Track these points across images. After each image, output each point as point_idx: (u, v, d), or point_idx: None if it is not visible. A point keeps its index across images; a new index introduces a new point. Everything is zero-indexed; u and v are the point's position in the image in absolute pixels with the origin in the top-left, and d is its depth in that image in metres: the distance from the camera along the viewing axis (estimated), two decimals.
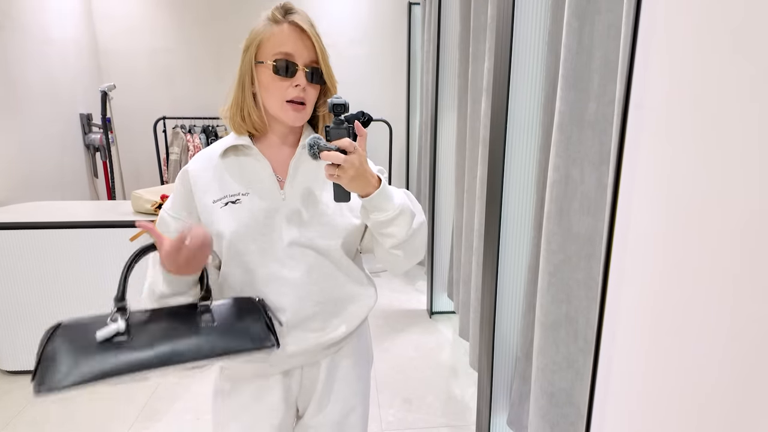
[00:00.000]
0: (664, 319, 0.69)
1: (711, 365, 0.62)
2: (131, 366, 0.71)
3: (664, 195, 0.68)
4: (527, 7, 1.43)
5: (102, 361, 0.70)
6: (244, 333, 0.80)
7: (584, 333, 1.31)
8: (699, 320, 0.63)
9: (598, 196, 1.23)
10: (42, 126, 2.88)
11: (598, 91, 1.19)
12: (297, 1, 3.41)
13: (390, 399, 2.14)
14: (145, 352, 0.72)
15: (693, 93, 0.63)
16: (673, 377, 0.68)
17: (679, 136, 0.65)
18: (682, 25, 0.64)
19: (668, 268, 0.68)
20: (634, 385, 0.76)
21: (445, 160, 2.79)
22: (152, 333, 0.75)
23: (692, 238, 0.63)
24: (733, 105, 0.57)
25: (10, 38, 2.62)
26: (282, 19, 0.86)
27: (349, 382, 1.02)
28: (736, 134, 0.57)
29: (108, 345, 0.72)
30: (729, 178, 0.58)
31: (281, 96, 0.87)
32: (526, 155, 1.55)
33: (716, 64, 0.59)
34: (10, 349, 2.24)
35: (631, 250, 0.74)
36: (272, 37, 0.86)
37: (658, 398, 0.71)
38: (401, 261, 0.91)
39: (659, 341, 0.70)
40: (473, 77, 2.16)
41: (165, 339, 0.75)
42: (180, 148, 3.53)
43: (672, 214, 0.67)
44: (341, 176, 0.76)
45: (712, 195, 0.60)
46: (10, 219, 2.14)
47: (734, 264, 0.58)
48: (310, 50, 0.87)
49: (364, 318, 1.00)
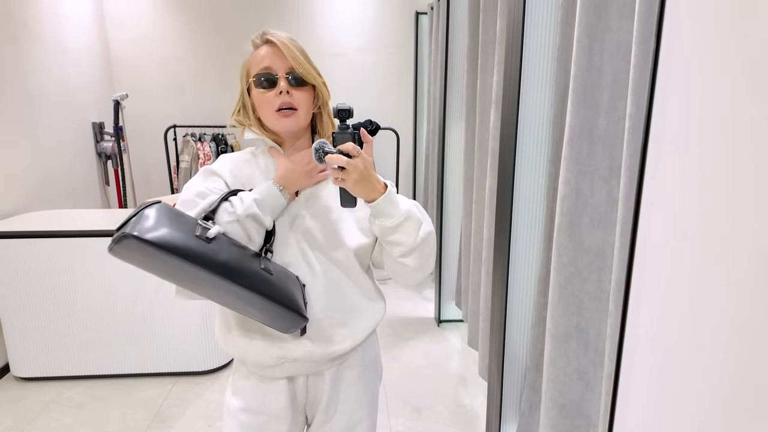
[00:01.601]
0: (683, 335, 0.71)
1: (730, 382, 0.64)
2: (202, 259, 0.76)
3: (682, 211, 0.69)
4: (536, 24, 1.46)
5: (184, 240, 0.75)
6: (291, 295, 0.86)
7: (595, 344, 1.33)
8: (719, 336, 0.65)
9: (608, 210, 1.25)
10: (55, 135, 2.93)
11: (608, 107, 1.20)
12: (307, 10, 3.43)
13: (399, 408, 2.15)
14: (216, 257, 0.78)
15: (713, 110, 0.65)
16: (692, 394, 0.70)
17: (699, 155, 0.67)
18: (702, 50, 0.66)
19: (687, 285, 0.69)
20: (653, 401, 0.77)
21: (453, 169, 2.81)
22: (227, 249, 0.81)
23: (712, 253, 0.65)
24: (755, 122, 0.59)
25: (27, 49, 2.67)
26: (260, 43, 0.95)
27: (355, 394, 1.03)
28: (754, 154, 0.59)
29: (193, 235, 0.78)
30: (749, 197, 0.60)
31: (270, 107, 0.93)
32: (536, 167, 1.57)
33: (736, 86, 0.61)
34: (24, 356, 2.27)
35: (651, 266, 0.75)
36: (254, 60, 0.95)
37: (677, 414, 0.73)
38: (411, 272, 0.93)
39: (678, 357, 0.72)
40: (482, 89, 2.18)
41: (234, 257, 0.81)
42: (190, 156, 3.57)
43: (691, 230, 0.68)
44: (345, 179, 0.79)
45: (733, 212, 0.62)
46: (24, 228, 2.18)
47: (756, 282, 0.59)
48: (284, 60, 0.93)
49: (372, 331, 1.02)
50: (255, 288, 0.80)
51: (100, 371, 2.33)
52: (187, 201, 0.90)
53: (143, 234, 0.71)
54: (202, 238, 0.78)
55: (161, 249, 0.72)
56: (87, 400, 2.18)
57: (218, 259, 0.78)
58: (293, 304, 0.85)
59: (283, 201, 0.92)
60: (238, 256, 0.82)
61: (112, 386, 2.29)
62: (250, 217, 0.87)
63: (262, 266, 0.84)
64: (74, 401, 2.17)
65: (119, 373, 2.34)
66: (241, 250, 0.84)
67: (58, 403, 2.15)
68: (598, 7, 1.17)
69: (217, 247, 0.79)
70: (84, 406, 2.14)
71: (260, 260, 0.86)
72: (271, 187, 0.91)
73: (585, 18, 1.19)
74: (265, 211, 0.89)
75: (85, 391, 2.25)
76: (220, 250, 0.79)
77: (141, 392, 2.24)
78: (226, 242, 0.82)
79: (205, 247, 0.77)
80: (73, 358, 2.29)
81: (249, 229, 0.88)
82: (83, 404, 2.15)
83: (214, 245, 0.79)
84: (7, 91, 2.49)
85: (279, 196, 0.91)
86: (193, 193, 0.91)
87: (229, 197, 0.89)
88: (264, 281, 0.82)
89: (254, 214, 0.87)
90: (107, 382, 2.32)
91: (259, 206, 0.88)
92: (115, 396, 2.22)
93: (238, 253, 0.82)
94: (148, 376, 2.37)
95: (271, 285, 0.83)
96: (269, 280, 0.83)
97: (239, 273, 0.79)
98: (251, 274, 0.81)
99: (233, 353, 0.98)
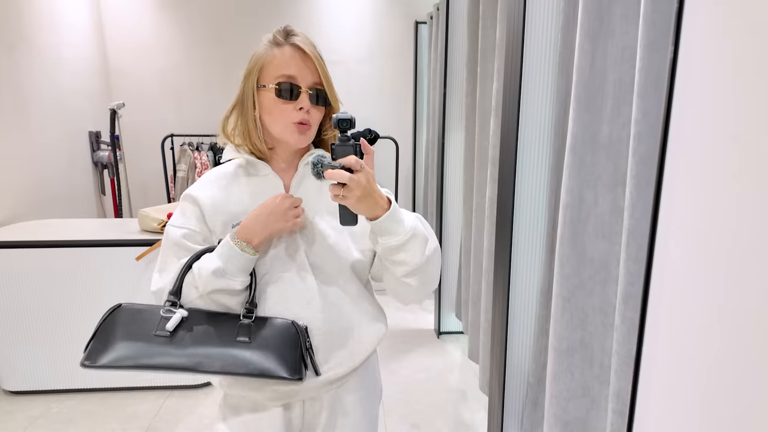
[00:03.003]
0: (702, 351, 0.66)
1: (752, 399, 0.59)
2: (166, 365, 0.78)
3: (700, 224, 0.65)
4: (537, 28, 1.43)
5: (138, 350, 0.78)
6: (278, 358, 0.81)
7: (600, 360, 1.28)
8: (739, 352, 0.60)
9: (612, 220, 1.21)
10: (51, 143, 2.90)
11: (612, 113, 1.17)
12: (306, 19, 3.42)
13: (398, 424, 2.09)
14: (180, 353, 0.78)
15: (729, 118, 0.61)
16: (711, 413, 0.65)
17: (716, 165, 0.63)
18: (718, 51, 0.62)
19: (706, 300, 0.65)
20: (672, 420, 0.73)
21: (453, 179, 2.78)
22: (192, 335, 0.80)
23: (733, 265, 0.61)
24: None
25: (23, 57, 2.65)
26: (283, 41, 0.85)
27: (354, 420, 0.96)
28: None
29: (152, 338, 0.79)
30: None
31: (286, 119, 0.85)
32: (537, 176, 1.53)
33: (757, 90, 0.57)
34: (13, 369, 2.21)
35: (668, 281, 0.71)
36: (274, 60, 0.85)
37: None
38: (413, 292, 0.86)
39: (699, 374, 0.67)
40: (481, 96, 2.15)
41: (201, 344, 0.80)
42: (187, 165, 3.54)
43: (710, 242, 0.64)
44: (347, 196, 0.72)
45: (754, 224, 0.58)
46: (17, 237, 2.14)
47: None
48: (313, 72, 0.86)
49: (372, 351, 0.95)
50: (226, 371, 0.79)
51: (90, 385, 2.27)
52: (165, 255, 0.89)
53: (95, 362, 0.78)
54: (163, 335, 0.79)
55: (116, 368, 0.77)
56: (77, 414, 2.12)
57: (183, 353, 0.78)
58: (277, 371, 0.80)
59: (248, 258, 0.82)
60: (209, 336, 0.80)
61: (102, 400, 2.23)
62: (214, 291, 0.82)
63: (237, 338, 0.81)
64: (64, 416, 2.11)
65: (110, 387, 2.28)
66: (216, 322, 0.82)
67: (47, 418, 2.09)
68: (600, 11, 1.14)
69: (182, 335, 0.80)
70: (74, 421, 2.08)
71: (237, 328, 0.82)
72: (231, 248, 0.81)
73: (587, 22, 1.16)
74: (232, 275, 0.82)
75: (75, 406, 2.18)
76: (183, 339, 0.79)
77: (132, 406, 2.18)
78: (197, 317, 0.82)
79: (164, 346, 0.79)
80: (64, 371, 2.23)
81: (219, 300, 0.84)
82: (73, 419, 2.09)
83: (181, 332, 0.80)
84: (2, 99, 2.46)
85: (241, 255, 0.81)
86: (171, 243, 0.88)
87: (194, 265, 0.84)
88: (240, 360, 0.79)
89: (217, 288, 0.82)
90: (98, 396, 2.26)
91: (221, 275, 0.81)
92: (106, 410, 2.15)
93: (209, 332, 0.81)
94: (139, 390, 2.30)
95: (248, 359, 0.80)
96: (246, 355, 0.80)
97: (209, 359, 0.79)
98: (224, 355, 0.79)
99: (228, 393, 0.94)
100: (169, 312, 0.81)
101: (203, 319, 0.82)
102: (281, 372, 0.80)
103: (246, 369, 0.79)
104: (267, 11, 3.69)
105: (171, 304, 0.82)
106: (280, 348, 0.81)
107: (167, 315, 0.80)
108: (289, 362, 0.81)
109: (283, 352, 0.81)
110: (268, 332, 0.82)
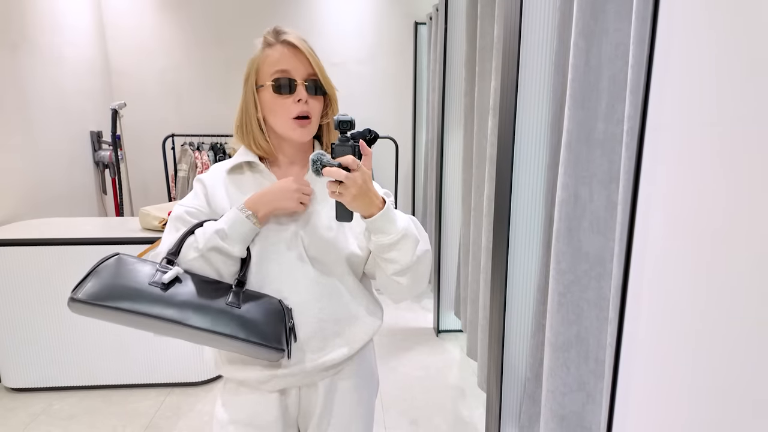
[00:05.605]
0: (683, 342, 0.68)
1: (732, 390, 0.60)
2: (153, 313, 0.78)
3: (681, 215, 0.67)
4: (533, 28, 1.44)
5: (131, 290, 0.78)
6: (262, 328, 0.82)
7: (595, 354, 1.29)
8: (720, 343, 0.62)
9: (607, 215, 1.22)
10: (53, 143, 2.92)
11: (607, 110, 1.18)
12: (307, 21, 3.45)
13: (396, 420, 2.10)
14: (170, 305, 0.79)
15: (710, 111, 0.62)
16: (693, 403, 0.66)
17: (697, 157, 0.64)
18: (698, 45, 0.64)
19: (686, 290, 0.66)
20: (653, 411, 0.74)
21: (452, 178, 2.79)
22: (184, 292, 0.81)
23: (712, 257, 0.62)
24: (752, 122, 0.56)
25: (26, 58, 2.67)
26: (275, 41, 0.89)
27: (350, 406, 0.99)
28: (754, 152, 0.56)
29: (146, 286, 0.79)
30: (749, 198, 0.57)
31: (286, 114, 0.89)
32: (534, 173, 1.55)
33: (734, 82, 0.59)
34: (14, 366, 2.23)
35: (648, 272, 0.73)
36: (268, 59, 0.89)
37: (678, 424, 0.69)
38: (403, 289, 0.90)
39: (678, 364, 0.69)
40: (480, 96, 2.17)
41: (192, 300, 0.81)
42: (188, 165, 3.55)
43: (690, 233, 0.66)
44: (343, 194, 0.76)
45: (732, 215, 0.59)
46: (18, 236, 2.15)
47: (757, 286, 0.57)
48: (305, 65, 0.89)
49: (367, 341, 0.98)
50: (216, 329, 0.80)
51: (91, 382, 2.28)
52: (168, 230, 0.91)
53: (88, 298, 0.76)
54: (157, 284, 0.79)
55: (102, 306, 0.76)
56: (78, 411, 2.14)
57: (173, 302, 0.79)
58: (263, 338, 0.82)
59: (251, 227, 0.86)
60: (201, 295, 0.82)
61: (103, 397, 2.24)
62: (213, 250, 0.84)
63: (228, 301, 0.83)
64: (65, 413, 2.13)
65: (111, 384, 2.30)
66: (208, 286, 0.84)
67: (48, 415, 2.11)
68: (594, 8, 1.16)
69: (177, 290, 0.80)
70: (75, 417, 2.09)
71: (228, 294, 0.84)
72: (236, 214, 0.86)
73: (582, 20, 1.17)
74: (232, 241, 0.85)
75: (76, 403, 2.20)
76: (177, 294, 0.80)
77: (133, 403, 2.20)
78: (192, 281, 0.83)
79: (157, 294, 0.79)
80: (65, 369, 2.25)
81: (215, 263, 0.85)
82: (74, 416, 2.10)
83: (174, 289, 0.80)
84: (4, 99, 2.48)
85: (244, 222, 0.85)
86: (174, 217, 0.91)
87: (196, 230, 0.87)
88: (228, 320, 0.81)
89: (216, 247, 0.84)
90: (99, 393, 2.28)
91: (222, 237, 0.84)
92: (107, 407, 2.17)
93: (202, 292, 0.82)
94: (140, 387, 2.32)
95: (236, 322, 0.81)
96: (235, 318, 0.81)
97: (198, 314, 0.79)
98: (213, 313, 0.81)
99: (226, 376, 0.96)
100: (165, 267, 0.82)
101: (197, 281, 0.84)
102: (267, 340, 0.82)
103: (231, 330, 0.80)
104: (267, 12, 3.71)
105: (168, 261, 0.84)
106: (266, 318, 0.84)
107: (163, 269, 0.82)
108: (275, 334, 0.83)
109: (269, 323, 0.83)
110: (256, 304, 0.85)
